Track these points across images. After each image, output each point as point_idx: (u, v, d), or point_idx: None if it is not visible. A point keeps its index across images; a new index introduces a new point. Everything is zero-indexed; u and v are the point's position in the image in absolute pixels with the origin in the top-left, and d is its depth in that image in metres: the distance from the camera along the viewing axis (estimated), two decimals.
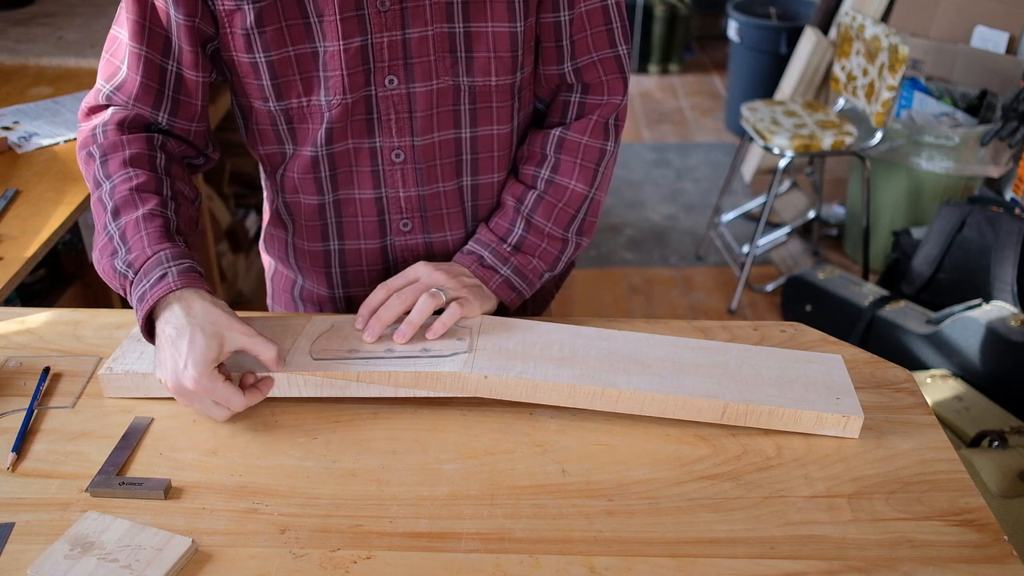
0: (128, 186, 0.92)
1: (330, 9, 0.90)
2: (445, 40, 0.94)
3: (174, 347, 0.84)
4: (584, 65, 1.01)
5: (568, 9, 0.97)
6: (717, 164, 3.73)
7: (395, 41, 0.93)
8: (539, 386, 0.88)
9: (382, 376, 0.89)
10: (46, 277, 1.78)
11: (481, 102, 0.99)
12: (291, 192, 1.05)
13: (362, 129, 0.98)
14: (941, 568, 0.74)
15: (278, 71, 0.94)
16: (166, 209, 0.93)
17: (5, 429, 0.89)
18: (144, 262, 0.88)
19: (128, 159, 0.94)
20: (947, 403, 1.95)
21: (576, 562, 0.74)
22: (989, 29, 2.78)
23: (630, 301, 2.86)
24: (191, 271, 0.88)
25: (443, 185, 1.03)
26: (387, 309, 0.94)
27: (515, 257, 1.03)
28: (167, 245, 0.89)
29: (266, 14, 0.91)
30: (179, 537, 0.75)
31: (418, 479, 0.83)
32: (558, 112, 1.05)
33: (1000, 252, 2.25)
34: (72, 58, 2.01)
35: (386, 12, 0.91)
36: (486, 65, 0.96)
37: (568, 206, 1.04)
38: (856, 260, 3.02)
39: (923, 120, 2.78)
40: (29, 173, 1.53)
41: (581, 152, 1.03)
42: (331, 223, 1.05)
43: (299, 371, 0.89)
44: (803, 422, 0.88)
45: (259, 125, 1.00)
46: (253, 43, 0.93)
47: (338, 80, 0.94)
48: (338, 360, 0.91)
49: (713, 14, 4.97)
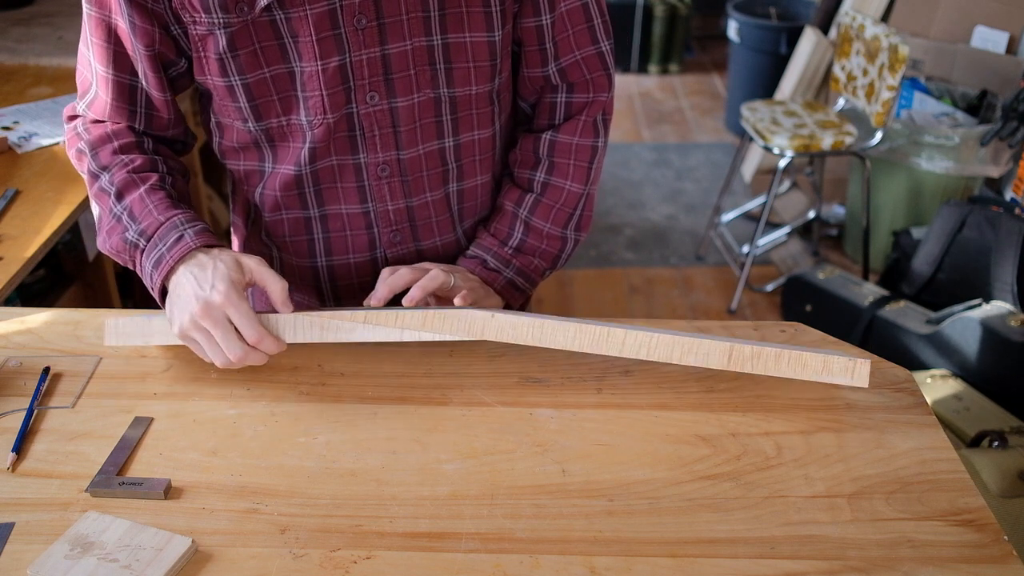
0: (126, 170, 0.95)
1: (305, 30, 0.89)
2: (424, 53, 0.94)
3: (197, 280, 0.86)
4: (568, 65, 1.01)
5: (549, 12, 0.97)
6: (717, 164, 3.73)
7: (374, 58, 0.92)
8: (546, 327, 0.86)
9: (389, 317, 0.88)
10: (46, 277, 1.78)
11: (462, 110, 0.99)
12: (272, 210, 1.04)
13: (346, 146, 0.98)
14: (941, 568, 0.74)
15: (255, 93, 0.94)
16: (165, 184, 0.96)
17: (5, 429, 0.89)
18: (157, 228, 0.91)
19: (118, 148, 0.97)
20: (947, 403, 1.95)
21: (576, 562, 0.74)
22: (989, 29, 2.78)
23: (630, 301, 2.86)
24: (206, 231, 0.92)
25: (430, 195, 1.03)
26: (398, 276, 0.94)
27: (517, 259, 1.05)
28: (178, 211, 0.93)
29: (238, 38, 0.90)
30: (179, 537, 0.75)
31: (418, 479, 0.83)
32: (545, 114, 1.06)
33: (1000, 252, 2.25)
34: (72, 58, 2.01)
35: (363, 29, 0.90)
36: (466, 75, 0.97)
37: (565, 206, 1.05)
38: (856, 260, 3.02)
39: (923, 120, 2.78)
40: (29, 173, 1.53)
41: (574, 153, 1.04)
42: (318, 238, 1.05)
43: (308, 312, 0.89)
44: (810, 366, 0.87)
45: (238, 143, 1.00)
46: (227, 67, 0.92)
47: (318, 100, 0.93)
48: (345, 310, 0.91)
49: (713, 14, 4.97)
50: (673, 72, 4.70)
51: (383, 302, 0.94)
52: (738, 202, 3.36)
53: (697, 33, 5.07)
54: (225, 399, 0.92)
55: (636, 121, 4.15)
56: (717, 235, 3.13)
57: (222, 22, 0.89)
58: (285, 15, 0.89)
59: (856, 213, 2.95)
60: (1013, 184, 2.58)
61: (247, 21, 0.89)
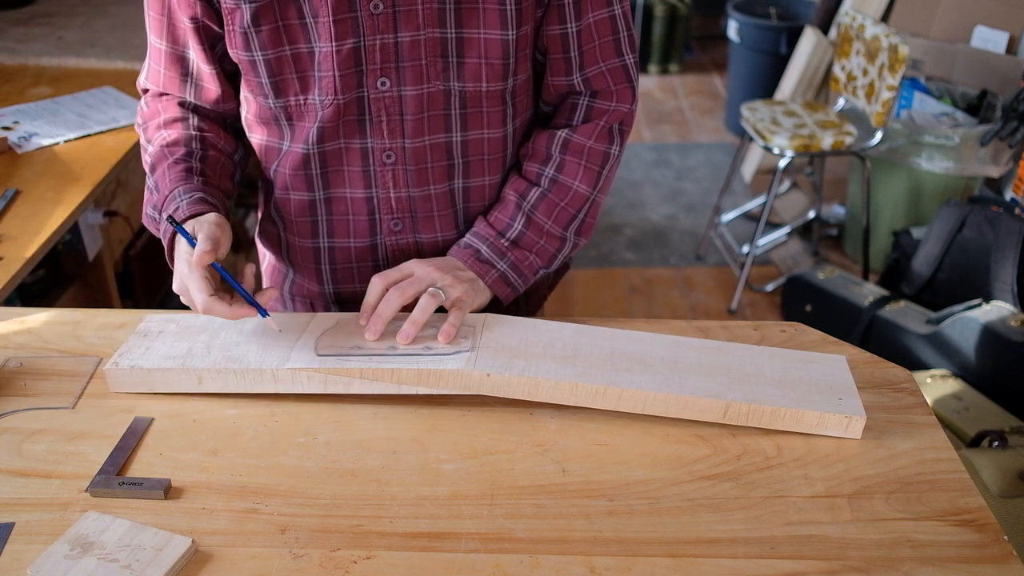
0: (161, 143, 1.02)
1: (324, 10, 0.91)
2: (437, 45, 0.94)
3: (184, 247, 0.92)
4: (593, 75, 1.02)
5: (575, 21, 0.98)
6: (717, 164, 3.73)
7: (387, 44, 0.94)
8: (541, 384, 0.88)
9: (385, 373, 0.89)
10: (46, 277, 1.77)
11: (472, 107, 0.99)
12: (281, 189, 1.06)
13: (354, 129, 0.99)
14: (941, 568, 0.74)
15: (275, 69, 0.96)
16: (191, 158, 1.01)
17: (5, 429, 0.89)
18: (164, 201, 0.98)
19: (163, 123, 1.04)
20: (947, 403, 1.95)
21: (576, 562, 0.74)
22: (989, 29, 2.78)
23: (630, 301, 2.86)
24: (200, 201, 0.96)
25: (434, 187, 1.03)
26: (386, 304, 0.94)
27: (512, 252, 1.03)
28: (181, 183, 0.98)
29: (262, 13, 0.92)
30: (179, 537, 0.75)
31: (418, 479, 0.83)
32: (565, 113, 1.06)
33: (1000, 252, 2.25)
34: (72, 58, 2.01)
35: (379, 15, 0.92)
36: (477, 71, 0.97)
37: (570, 206, 1.05)
38: (856, 260, 3.02)
39: (923, 120, 2.78)
40: (29, 173, 1.53)
41: (586, 154, 1.04)
42: (321, 220, 1.07)
43: (304, 367, 0.89)
44: (805, 422, 0.88)
45: (260, 118, 1.03)
46: (251, 41, 0.94)
47: (330, 81, 0.95)
48: (342, 356, 0.91)
49: (713, 14, 4.97)
50: (673, 72, 4.70)
51: (377, 336, 0.93)
52: (738, 202, 3.36)
53: (697, 33, 5.07)
54: (225, 399, 0.92)
55: (636, 121, 4.12)
56: (717, 235, 3.13)
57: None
58: None
59: (856, 213, 2.95)
60: (1013, 184, 2.58)
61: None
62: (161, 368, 0.91)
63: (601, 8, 0.99)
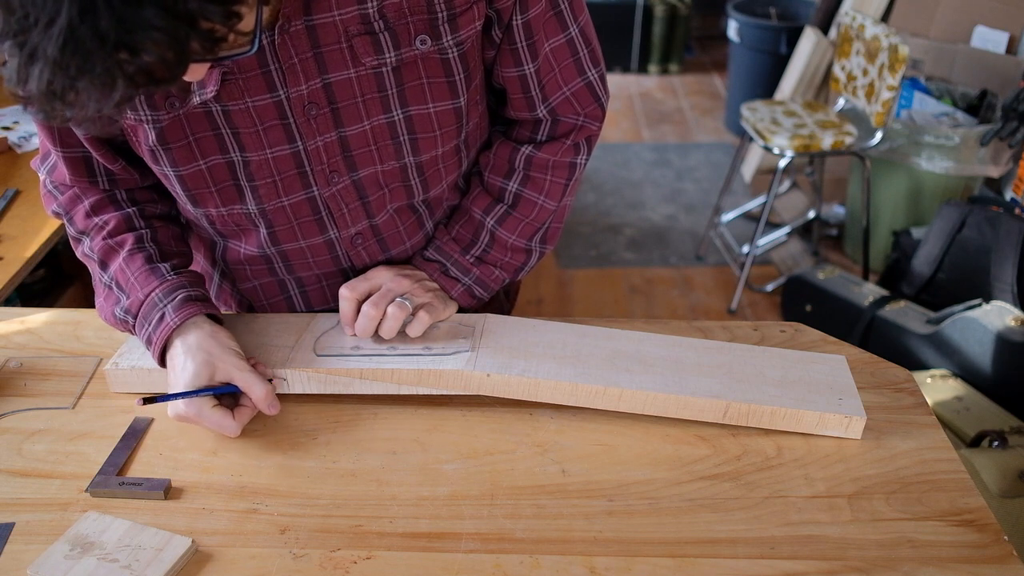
0: (101, 235, 0.94)
1: (247, 121, 0.85)
2: (385, 129, 0.89)
3: (173, 375, 0.86)
4: (558, 103, 0.96)
5: (532, 61, 0.91)
6: (717, 164, 3.73)
7: (331, 142, 0.88)
8: (541, 385, 0.88)
9: (385, 374, 0.89)
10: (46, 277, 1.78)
11: (429, 169, 0.95)
12: (236, 264, 1.01)
13: (314, 229, 0.95)
14: (941, 568, 0.74)
15: (190, 184, 0.90)
16: (143, 243, 0.93)
17: (5, 429, 0.89)
18: (139, 307, 0.90)
19: (90, 209, 0.95)
20: (947, 403, 1.95)
21: (576, 562, 0.74)
22: (989, 29, 2.78)
23: (630, 301, 2.86)
24: (186, 301, 0.89)
25: (403, 226, 1.00)
26: (367, 320, 0.92)
27: (478, 268, 1.01)
28: (155, 283, 0.90)
29: (169, 131, 0.85)
30: (179, 537, 0.75)
31: (418, 479, 0.83)
32: (528, 128, 0.99)
33: (1000, 252, 2.25)
34: None
35: (315, 118, 0.86)
36: (432, 142, 0.91)
37: (535, 221, 1.01)
38: (856, 260, 3.02)
39: (923, 120, 2.78)
40: (29, 173, 1.53)
41: (552, 169, 0.99)
42: (279, 267, 1.02)
43: (303, 367, 0.89)
44: (805, 422, 0.88)
45: (187, 217, 0.98)
46: (159, 158, 0.88)
47: (270, 186, 0.90)
48: (342, 356, 0.91)
49: (713, 14, 4.97)
50: (673, 72, 4.70)
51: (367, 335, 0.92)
52: (738, 202, 3.36)
53: (697, 33, 5.07)
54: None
55: (636, 121, 4.14)
56: (717, 235, 3.13)
57: (150, 118, 0.84)
58: (223, 107, 0.84)
59: (856, 213, 2.95)
60: (1013, 184, 2.58)
61: (178, 115, 0.84)
62: (161, 368, 0.91)
63: (557, 34, 0.91)
